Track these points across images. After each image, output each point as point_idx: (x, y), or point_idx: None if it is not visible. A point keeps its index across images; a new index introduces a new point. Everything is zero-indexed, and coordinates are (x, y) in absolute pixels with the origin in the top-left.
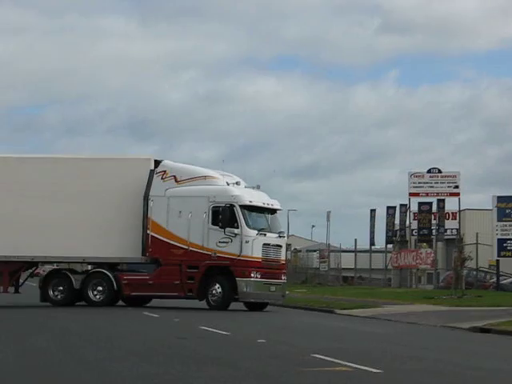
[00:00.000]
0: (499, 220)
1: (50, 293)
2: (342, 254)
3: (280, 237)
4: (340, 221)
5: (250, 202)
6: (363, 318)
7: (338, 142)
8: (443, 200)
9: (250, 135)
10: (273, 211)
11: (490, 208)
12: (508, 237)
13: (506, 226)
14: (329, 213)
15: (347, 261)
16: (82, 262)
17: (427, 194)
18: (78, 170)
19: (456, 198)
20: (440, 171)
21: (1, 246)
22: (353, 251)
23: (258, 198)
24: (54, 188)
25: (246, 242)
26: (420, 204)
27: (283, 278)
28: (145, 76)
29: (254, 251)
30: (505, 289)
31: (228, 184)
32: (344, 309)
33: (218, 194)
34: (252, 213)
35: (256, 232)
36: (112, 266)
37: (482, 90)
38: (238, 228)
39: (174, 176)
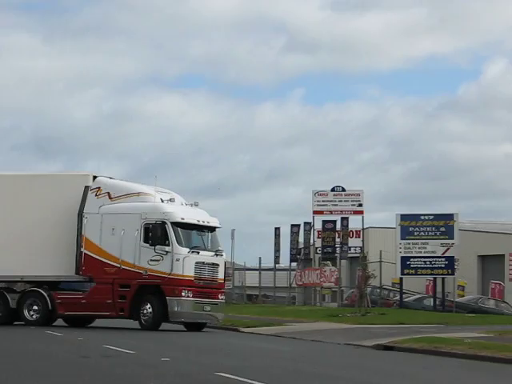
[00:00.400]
0: (402, 238)
1: None
2: (247, 272)
3: (217, 255)
4: (245, 239)
5: (182, 218)
6: (268, 336)
7: (243, 161)
8: (347, 218)
9: (156, 153)
10: (210, 229)
11: (394, 226)
12: (411, 255)
13: (409, 244)
14: (233, 231)
15: (252, 279)
16: (19, 281)
17: (331, 212)
18: (15, 187)
19: (360, 216)
20: (344, 189)
21: None
22: (257, 269)
23: (194, 215)
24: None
25: (177, 260)
26: (324, 222)
27: (221, 297)
28: (50, 93)
29: (186, 269)
30: (408, 306)
31: (162, 201)
32: (248, 327)
33: (150, 211)
34: (185, 230)
35: (188, 250)
36: (52, 284)
37: (386, 109)
38: (169, 246)
39: (108, 193)
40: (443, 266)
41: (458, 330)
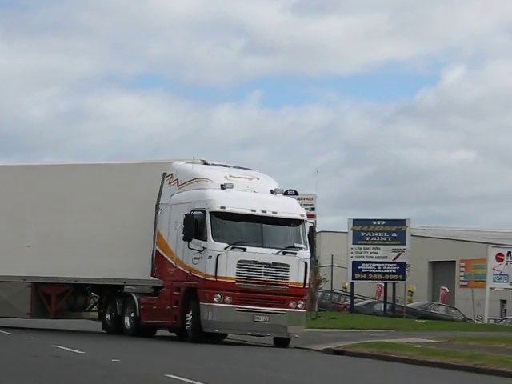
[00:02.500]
0: (354, 243)
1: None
2: None
3: (285, 253)
4: None
5: (223, 207)
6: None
7: None
8: None
9: (112, 153)
10: (282, 221)
11: (346, 231)
12: (362, 259)
13: (360, 248)
14: None
15: None
16: (123, 285)
17: None
18: (101, 178)
19: (312, 220)
20: (297, 193)
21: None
22: None
23: (249, 204)
24: (88, 200)
25: (209, 257)
26: None
27: (294, 306)
28: (6, 91)
29: (221, 269)
30: (359, 311)
31: (222, 187)
32: None
33: (196, 200)
34: (229, 222)
35: (225, 245)
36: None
37: (343, 113)
38: (206, 240)
39: (177, 180)
40: (394, 271)
41: (408, 335)
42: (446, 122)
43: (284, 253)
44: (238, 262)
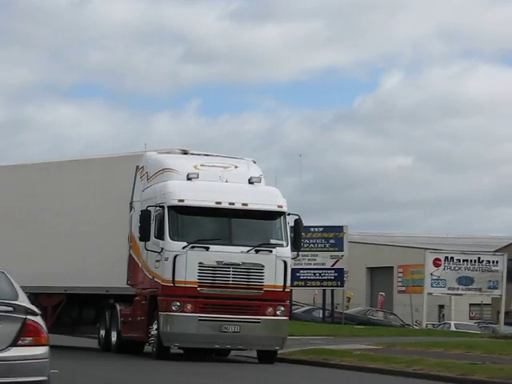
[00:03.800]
0: (292, 250)
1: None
2: None
3: (258, 251)
4: None
5: (181, 200)
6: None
7: None
8: None
9: None
10: (257, 214)
11: None
12: (301, 266)
13: (299, 255)
14: None
15: None
16: (105, 294)
17: None
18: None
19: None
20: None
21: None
22: None
23: (215, 196)
24: (61, 201)
25: (166, 259)
26: None
27: (269, 312)
28: None
29: (180, 273)
30: (297, 318)
31: (188, 178)
32: None
33: (158, 194)
34: (190, 217)
35: (183, 244)
36: (117, 298)
37: (281, 121)
38: (163, 240)
39: (147, 172)
40: (332, 277)
41: (346, 341)
42: (384, 128)
43: (257, 251)
44: (200, 263)
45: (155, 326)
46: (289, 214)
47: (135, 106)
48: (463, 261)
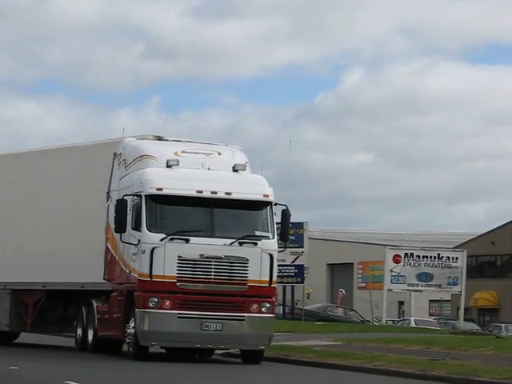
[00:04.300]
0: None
1: None
2: None
3: (242, 244)
4: None
5: (159, 189)
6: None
7: None
8: None
9: None
10: (241, 204)
11: None
12: None
13: (286, 248)
14: None
15: None
16: (80, 290)
17: None
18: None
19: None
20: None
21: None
22: None
23: (196, 184)
24: (35, 192)
25: (143, 251)
26: None
27: (254, 309)
28: None
29: (158, 266)
30: None
31: (168, 164)
32: None
33: (135, 182)
34: (169, 207)
35: (161, 236)
36: (93, 294)
37: (243, 117)
38: (140, 231)
39: (125, 160)
40: (293, 274)
41: (307, 338)
42: (345, 124)
43: (241, 243)
44: (179, 256)
45: (132, 324)
46: (275, 204)
47: (96, 102)
48: (423, 257)
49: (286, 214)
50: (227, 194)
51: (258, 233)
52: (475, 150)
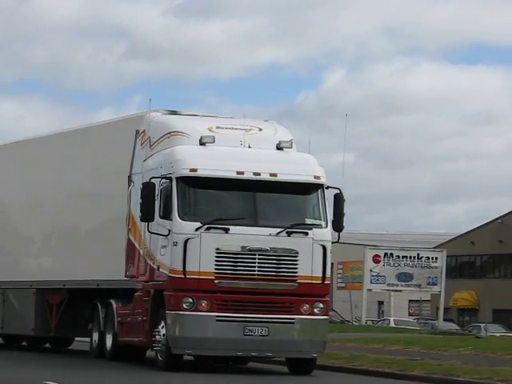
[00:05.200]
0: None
1: None
2: None
3: (291, 234)
4: None
5: (193, 170)
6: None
7: None
8: None
9: None
10: (291, 187)
11: None
12: None
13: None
14: None
15: None
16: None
17: None
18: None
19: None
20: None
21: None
22: None
23: (235, 164)
24: (50, 181)
25: (174, 243)
26: None
27: (305, 310)
28: None
29: (192, 261)
30: None
31: (201, 143)
32: None
33: (164, 163)
34: (203, 190)
35: (197, 225)
36: (113, 293)
37: None
38: (171, 220)
39: (149, 138)
40: None
41: None
42: (326, 124)
43: (289, 233)
44: (218, 249)
45: (162, 329)
46: (327, 188)
47: (77, 102)
48: (402, 257)
49: (339, 198)
50: (272, 175)
51: (308, 221)
52: (455, 150)
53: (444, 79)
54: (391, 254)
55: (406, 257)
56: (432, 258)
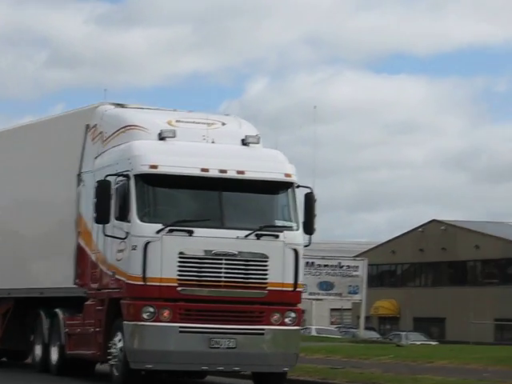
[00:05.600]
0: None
1: None
2: None
3: (260, 236)
4: None
5: (153, 167)
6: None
7: None
8: None
9: None
10: (248, 185)
11: None
12: None
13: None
14: None
15: None
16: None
17: None
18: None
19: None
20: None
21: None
22: None
23: (199, 160)
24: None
25: (133, 247)
26: None
27: (275, 320)
28: None
29: (153, 266)
30: None
31: (161, 138)
32: None
33: (120, 159)
34: (164, 189)
35: (158, 227)
36: (60, 302)
37: None
38: (129, 222)
39: (102, 132)
40: None
41: None
42: None
43: (258, 236)
44: (181, 253)
45: (119, 342)
46: (298, 187)
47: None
48: (324, 266)
49: (310, 198)
50: (239, 172)
51: (278, 222)
52: (377, 159)
53: (366, 88)
54: (312, 262)
55: (327, 265)
56: (353, 267)
